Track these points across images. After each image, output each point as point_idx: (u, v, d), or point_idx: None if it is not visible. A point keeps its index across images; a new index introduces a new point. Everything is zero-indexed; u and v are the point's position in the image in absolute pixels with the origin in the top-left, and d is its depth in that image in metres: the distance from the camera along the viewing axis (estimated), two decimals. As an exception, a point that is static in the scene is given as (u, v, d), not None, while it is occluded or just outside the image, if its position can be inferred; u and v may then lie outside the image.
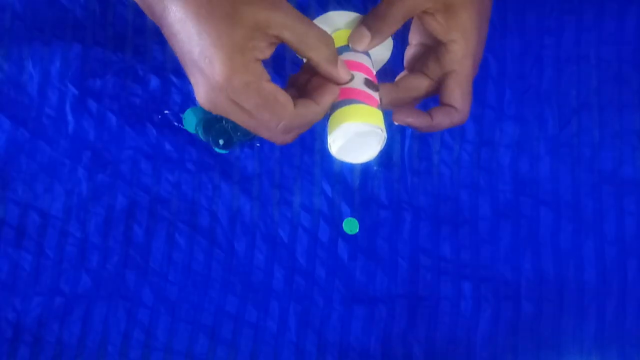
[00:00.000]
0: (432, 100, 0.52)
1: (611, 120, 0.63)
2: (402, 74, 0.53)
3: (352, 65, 0.49)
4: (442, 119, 0.50)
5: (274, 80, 0.45)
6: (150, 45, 0.65)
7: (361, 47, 0.49)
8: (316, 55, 0.46)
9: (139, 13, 0.65)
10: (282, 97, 0.45)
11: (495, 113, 0.64)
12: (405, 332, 0.61)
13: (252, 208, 0.63)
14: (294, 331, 0.61)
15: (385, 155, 0.63)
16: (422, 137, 0.64)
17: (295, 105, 0.46)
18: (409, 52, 0.53)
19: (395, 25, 0.48)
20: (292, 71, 0.64)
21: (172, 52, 0.65)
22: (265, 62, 0.45)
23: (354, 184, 0.63)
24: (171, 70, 0.64)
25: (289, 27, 0.44)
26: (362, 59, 0.50)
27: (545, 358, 0.60)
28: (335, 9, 0.65)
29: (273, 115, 0.45)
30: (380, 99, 0.49)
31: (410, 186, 0.63)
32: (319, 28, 0.46)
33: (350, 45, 0.50)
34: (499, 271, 0.62)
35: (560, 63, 0.64)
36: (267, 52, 0.45)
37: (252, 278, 0.62)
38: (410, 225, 0.63)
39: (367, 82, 0.48)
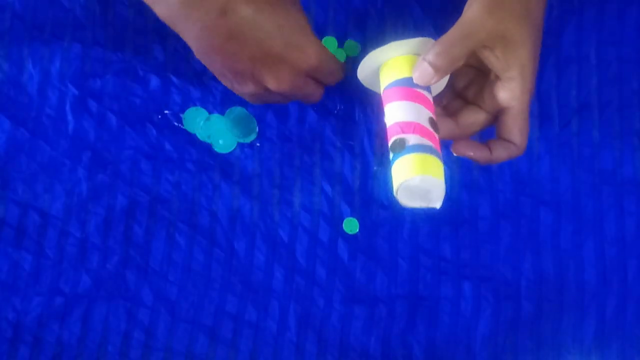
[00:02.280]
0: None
1: (611, 120, 0.63)
2: (448, 96, 0.54)
3: (417, 97, 0.49)
4: (501, 153, 0.51)
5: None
6: (150, 45, 0.65)
7: (424, 83, 0.49)
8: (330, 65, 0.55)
9: (139, 13, 0.65)
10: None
11: (495, 113, 0.64)
12: (405, 332, 0.61)
13: (252, 208, 0.63)
14: (294, 331, 0.61)
15: (385, 155, 0.63)
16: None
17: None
18: (458, 74, 0.53)
19: (458, 62, 0.49)
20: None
21: (172, 52, 0.65)
22: None
23: (354, 184, 0.63)
24: (171, 70, 0.64)
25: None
26: (424, 91, 0.50)
27: (545, 358, 0.61)
28: (336, 12, 0.65)
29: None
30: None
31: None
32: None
33: (413, 81, 0.50)
34: (499, 271, 0.62)
35: (560, 63, 0.64)
36: None
37: (252, 278, 0.62)
38: (410, 225, 0.63)
39: (432, 122, 0.49)
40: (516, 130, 0.50)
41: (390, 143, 0.49)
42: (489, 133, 0.54)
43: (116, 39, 0.65)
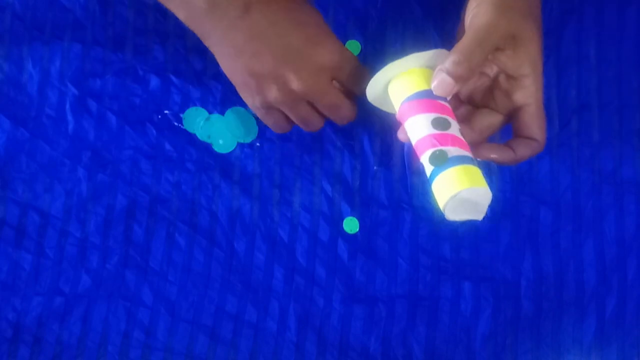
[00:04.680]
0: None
1: (611, 120, 0.63)
2: (453, 105, 0.53)
3: (442, 109, 0.49)
4: (525, 152, 0.51)
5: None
6: (150, 45, 0.65)
7: (444, 93, 0.49)
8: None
9: (139, 13, 0.65)
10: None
11: (495, 113, 0.64)
12: (405, 332, 0.61)
13: (252, 208, 0.63)
14: (294, 331, 0.61)
15: (385, 155, 0.63)
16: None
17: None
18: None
19: (477, 69, 0.49)
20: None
21: (172, 52, 0.65)
22: None
23: (354, 184, 0.63)
24: (171, 70, 0.64)
25: (344, 71, 0.54)
26: (445, 103, 0.50)
27: (545, 358, 0.60)
28: (336, 12, 0.65)
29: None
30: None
31: (410, 186, 0.63)
32: (368, 74, 0.53)
33: (434, 92, 0.49)
34: (499, 271, 0.62)
35: (560, 63, 0.64)
36: None
37: (252, 278, 0.62)
38: (410, 225, 0.63)
39: (461, 132, 0.49)
40: (536, 126, 0.50)
41: (428, 155, 0.48)
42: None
43: (116, 39, 0.65)
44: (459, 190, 0.46)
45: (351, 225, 0.62)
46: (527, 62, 0.49)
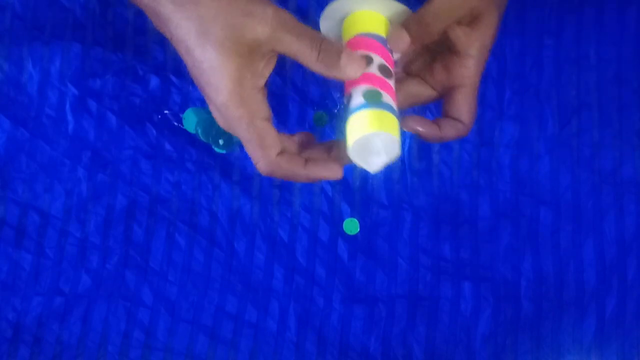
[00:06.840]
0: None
1: (611, 120, 0.63)
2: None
3: (391, 61, 0.48)
4: (449, 131, 0.50)
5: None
6: (150, 45, 0.65)
7: (399, 49, 0.49)
8: (313, 65, 0.46)
9: (139, 13, 0.65)
10: (270, 140, 0.46)
11: (495, 113, 0.64)
12: (405, 332, 0.61)
13: (252, 208, 0.63)
14: (294, 331, 0.61)
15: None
16: (422, 137, 0.64)
17: (281, 155, 0.46)
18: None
19: (437, 34, 0.48)
20: (292, 69, 0.64)
21: (172, 52, 0.65)
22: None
23: (354, 184, 0.63)
24: (171, 70, 0.64)
25: (280, 41, 0.44)
26: (381, 40, 0.49)
27: (545, 358, 0.61)
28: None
29: (254, 153, 0.46)
30: None
31: (410, 186, 0.63)
32: (312, 33, 0.45)
33: (388, 45, 0.49)
34: (499, 271, 0.62)
35: (560, 63, 0.64)
36: (267, 72, 0.46)
37: (252, 278, 0.62)
38: (410, 225, 0.63)
39: (382, 68, 0.48)
40: (466, 109, 0.50)
41: (364, 89, 0.47)
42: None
43: (116, 39, 0.65)
44: (376, 131, 0.45)
45: (351, 226, 0.62)
46: (478, 44, 0.48)
